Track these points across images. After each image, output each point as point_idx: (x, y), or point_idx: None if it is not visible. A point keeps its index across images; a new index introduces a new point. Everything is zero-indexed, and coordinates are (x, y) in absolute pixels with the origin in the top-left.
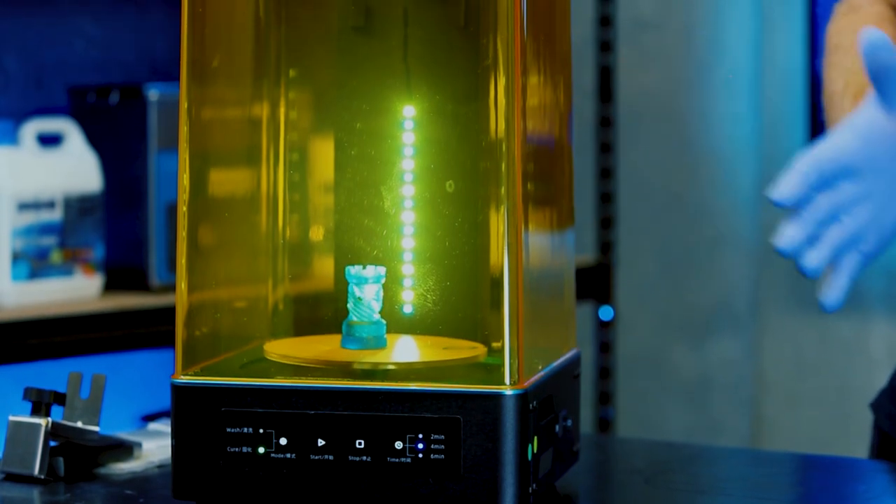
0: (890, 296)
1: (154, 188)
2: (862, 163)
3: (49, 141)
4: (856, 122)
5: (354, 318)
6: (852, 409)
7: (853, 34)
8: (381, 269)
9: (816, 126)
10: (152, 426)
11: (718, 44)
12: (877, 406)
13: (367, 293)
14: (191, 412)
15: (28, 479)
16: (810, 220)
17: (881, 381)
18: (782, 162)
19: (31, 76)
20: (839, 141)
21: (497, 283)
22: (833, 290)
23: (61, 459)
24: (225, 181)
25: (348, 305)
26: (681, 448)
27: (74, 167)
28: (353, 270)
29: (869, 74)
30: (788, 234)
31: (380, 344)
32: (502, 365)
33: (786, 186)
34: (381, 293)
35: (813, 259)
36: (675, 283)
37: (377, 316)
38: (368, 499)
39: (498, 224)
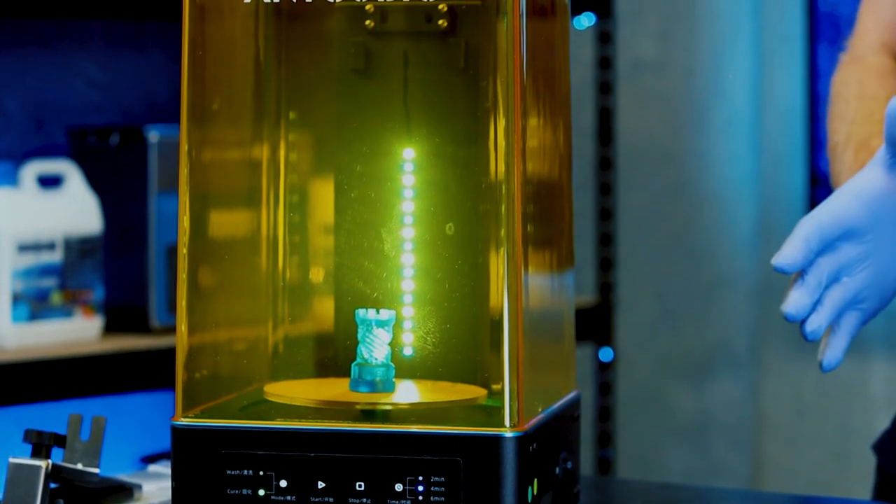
0: (890, 337)
1: (154, 230)
2: (863, 224)
3: (49, 182)
4: (858, 183)
5: (364, 362)
6: (852, 450)
7: (855, 84)
8: (391, 313)
9: (816, 168)
10: (152, 468)
11: (718, 86)
12: (880, 448)
13: (377, 336)
14: (191, 454)
15: None
16: (813, 285)
17: (881, 422)
18: (782, 204)
19: (32, 117)
20: (841, 204)
21: (497, 325)
22: (833, 351)
23: (61, 501)
24: (225, 223)
25: (358, 348)
26: (681, 489)
27: (75, 209)
28: (363, 313)
29: (886, 139)
30: (795, 301)
31: (388, 387)
32: (502, 407)
33: (788, 252)
34: (391, 336)
35: (814, 322)
36: (674, 325)
37: (386, 359)
38: None
39: (498, 266)
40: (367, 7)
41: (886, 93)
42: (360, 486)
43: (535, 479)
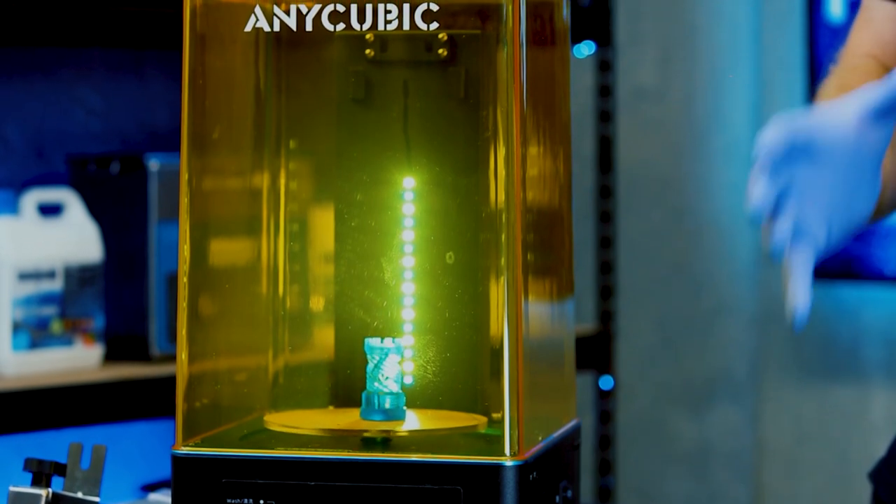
0: (889, 364)
1: (154, 258)
2: (822, 146)
3: (49, 211)
4: (836, 111)
5: (374, 390)
6: (852, 477)
7: (836, 81)
8: (400, 341)
9: None
10: (153, 497)
11: (718, 113)
12: (876, 476)
13: (387, 365)
14: (191, 483)
15: None
16: (774, 186)
17: (881, 450)
18: None
19: (32, 146)
20: (814, 121)
21: (497, 354)
22: (799, 297)
23: None
24: (225, 252)
25: (368, 378)
26: None
27: (75, 237)
28: (372, 342)
29: (890, 89)
30: (759, 190)
31: (400, 415)
32: (502, 436)
33: (770, 137)
34: (399, 365)
35: (777, 232)
36: (675, 352)
37: (397, 387)
38: None
39: (498, 295)
40: (368, 36)
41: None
42: None
43: None
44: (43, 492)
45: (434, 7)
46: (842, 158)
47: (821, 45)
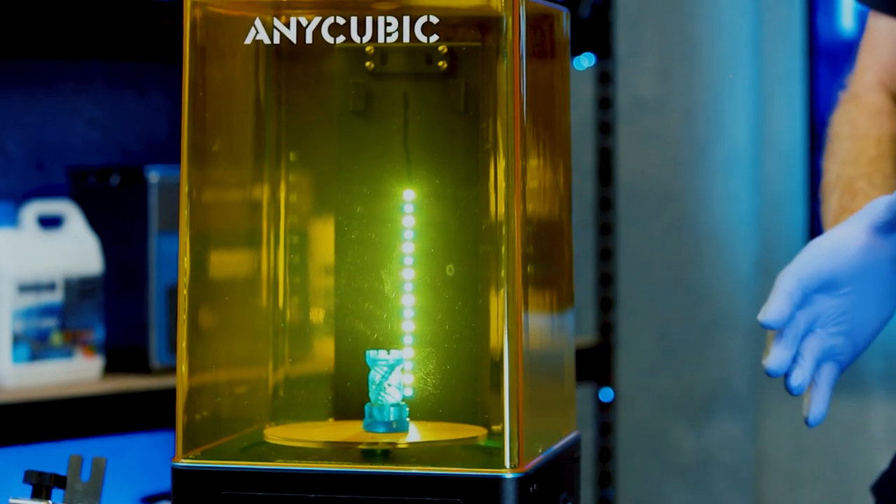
0: (889, 376)
1: (154, 270)
2: (840, 279)
3: (49, 223)
4: (837, 237)
5: (378, 402)
6: (852, 490)
7: (849, 124)
8: (402, 353)
9: (815, 208)
10: None
11: (718, 125)
12: (878, 489)
13: (390, 377)
14: (191, 495)
15: None
16: (791, 338)
17: (881, 461)
18: (782, 243)
19: (32, 158)
20: (819, 257)
21: (497, 366)
22: (817, 405)
23: None
24: (225, 264)
25: (370, 390)
26: None
27: (75, 249)
28: (374, 354)
29: (892, 206)
30: (776, 356)
31: (403, 427)
32: (502, 448)
33: (775, 308)
34: (402, 376)
35: (798, 377)
36: (675, 364)
37: (400, 399)
38: None
39: (498, 307)
40: (368, 49)
41: (878, 132)
42: None
43: None
44: None
45: (434, 19)
46: (859, 278)
47: (820, 58)
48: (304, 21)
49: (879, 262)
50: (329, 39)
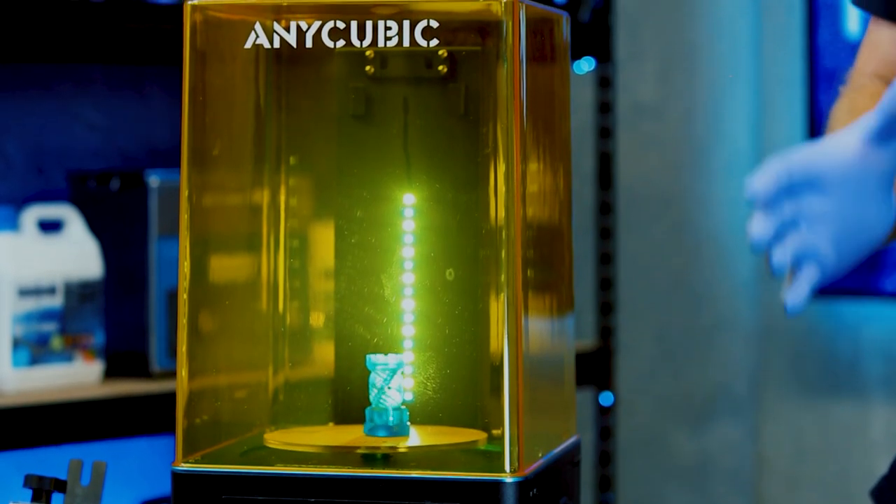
0: (889, 380)
1: (155, 274)
2: (829, 179)
3: (49, 227)
4: (836, 140)
5: (378, 407)
6: (852, 494)
7: (848, 108)
8: (403, 357)
9: None
10: None
11: (718, 129)
12: (878, 494)
13: (391, 381)
14: (191, 499)
15: None
16: (774, 219)
17: (881, 465)
18: None
19: (32, 162)
20: (815, 153)
21: (497, 370)
22: (794, 295)
23: None
24: (225, 268)
25: (371, 394)
26: None
27: (75, 253)
28: (375, 358)
29: (882, 112)
30: (758, 228)
31: (404, 431)
32: (502, 452)
33: (761, 181)
34: (402, 380)
35: (778, 256)
36: (675, 368)
37: (400, 403)
38: None
39: (498, 311)
40: (368, 53)
41: None
42: None
43: None
44: None
45: (434, 24)
46: (848, 184)
47: (821, 61)
48: (304, 25)
49: (869, 173)
50: (329, 44)
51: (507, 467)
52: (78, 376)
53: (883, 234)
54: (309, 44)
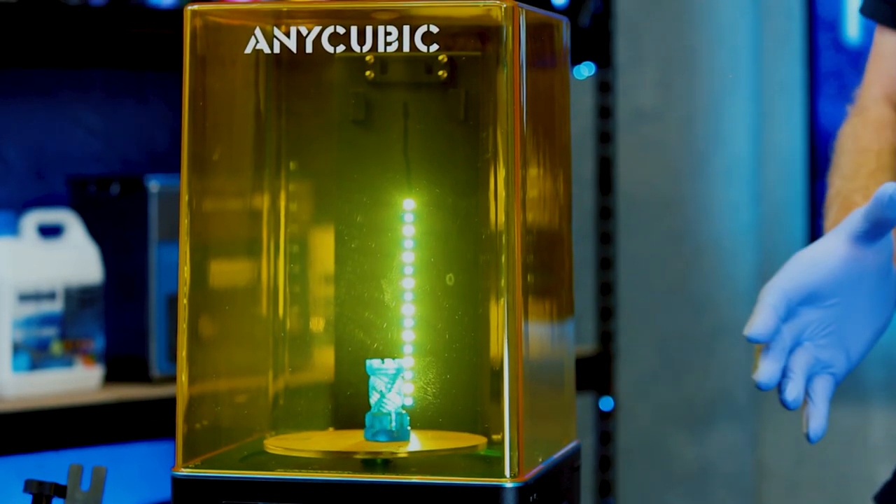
0: (890, 385)
1: (155, 279)
2: (825, 290)
3: (49, 232)
4: (818, 250)
5: (378, 412)
6: (852, 499)
7: (852, 137)
8: (403, 362)
9: (816, 217)
10: None
11: (718, 134)
12: (882, 500)
13: (391, 386)
14: None
15: None
16: (778, 351)
17: (882, 471)
18: (782, 252)
19: (32, 167)
20: (802, 270)
21: (497, 375)
22: (815, 420)
23: None
24: (225, 273)
25: (371, 399)
26: None
27: (75, 258)
28: (375, 363)
29: (865, 216)
30: (765, 369)
31: (404, 436)
32: (502, 457)
33: (760, 322)
34: (402, 385)
35: (791, 391)
36: (675, 373)
37: (400, 408)
38: None
39: (498, 316)
40: (368, 58)
41: (879, 146)
42: None
43: None
44: None
45: (434, 29)
46: (845, 289)
47: (820, 67)
48: (304, 30)
49: (864, 271)
50: (329, 49)
51: (507, 472)
52: (78, 381)
53: (888, 318)
54: (309, 49)
